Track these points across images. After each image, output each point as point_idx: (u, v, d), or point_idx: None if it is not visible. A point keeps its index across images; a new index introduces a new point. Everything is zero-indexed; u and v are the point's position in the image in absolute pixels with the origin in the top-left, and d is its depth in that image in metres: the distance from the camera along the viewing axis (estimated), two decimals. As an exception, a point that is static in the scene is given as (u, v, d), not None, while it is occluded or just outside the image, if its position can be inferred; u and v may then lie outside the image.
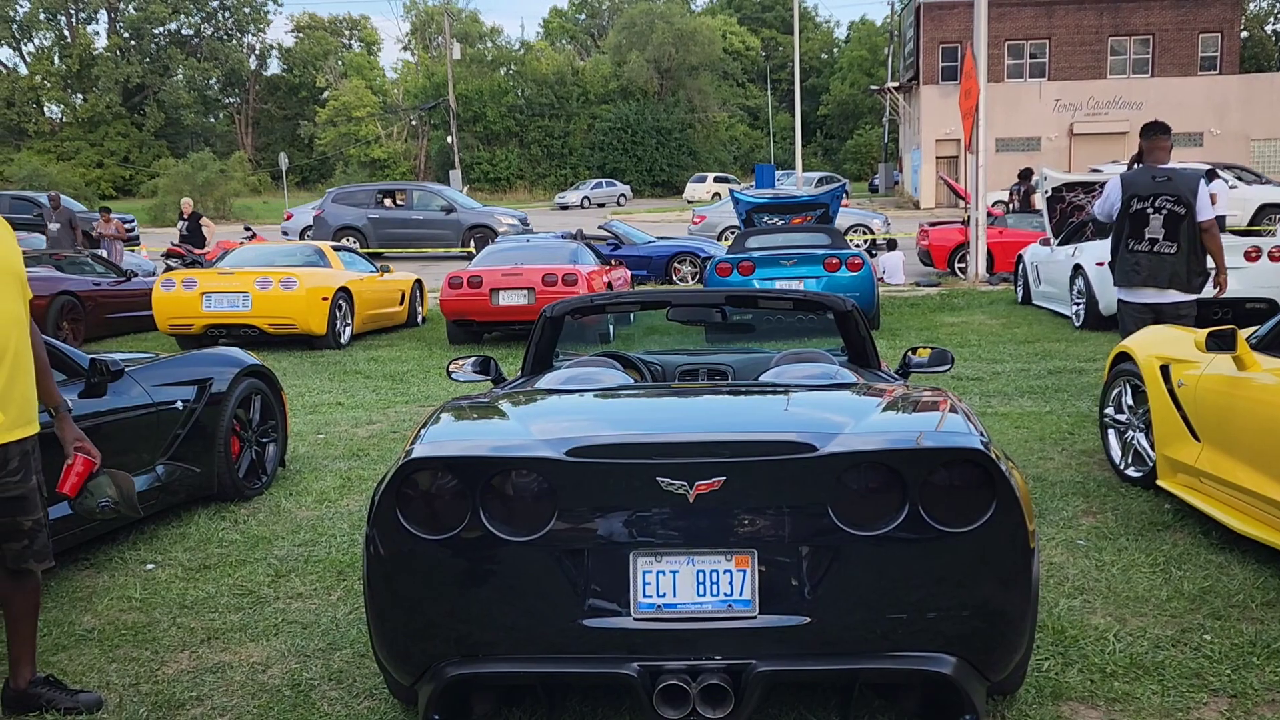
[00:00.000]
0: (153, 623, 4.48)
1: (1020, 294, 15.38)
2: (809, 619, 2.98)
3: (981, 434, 3.17)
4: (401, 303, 14.79)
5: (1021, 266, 15.35)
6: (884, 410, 3.46)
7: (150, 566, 5.18)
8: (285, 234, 29.35)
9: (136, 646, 4.24)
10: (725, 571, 3.01)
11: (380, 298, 14.13)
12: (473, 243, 24.99)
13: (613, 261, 15.65)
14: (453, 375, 5.22)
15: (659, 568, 3.02)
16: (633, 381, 4.35)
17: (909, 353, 4.99)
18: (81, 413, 5.04)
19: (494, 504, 3.06)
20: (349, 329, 13.15)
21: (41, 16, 65.02)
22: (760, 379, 4.18)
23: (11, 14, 64.11)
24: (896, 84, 50.86)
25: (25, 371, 3.46)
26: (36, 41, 66.19)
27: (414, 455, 3.14)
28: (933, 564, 2.98)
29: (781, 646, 2.99)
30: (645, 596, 3.01)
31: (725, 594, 3.00)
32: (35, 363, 3.56)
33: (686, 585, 3.01)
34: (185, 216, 20.96)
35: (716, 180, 53.62)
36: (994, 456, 3.03)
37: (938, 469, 3.00)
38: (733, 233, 21.88)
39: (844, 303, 4.88)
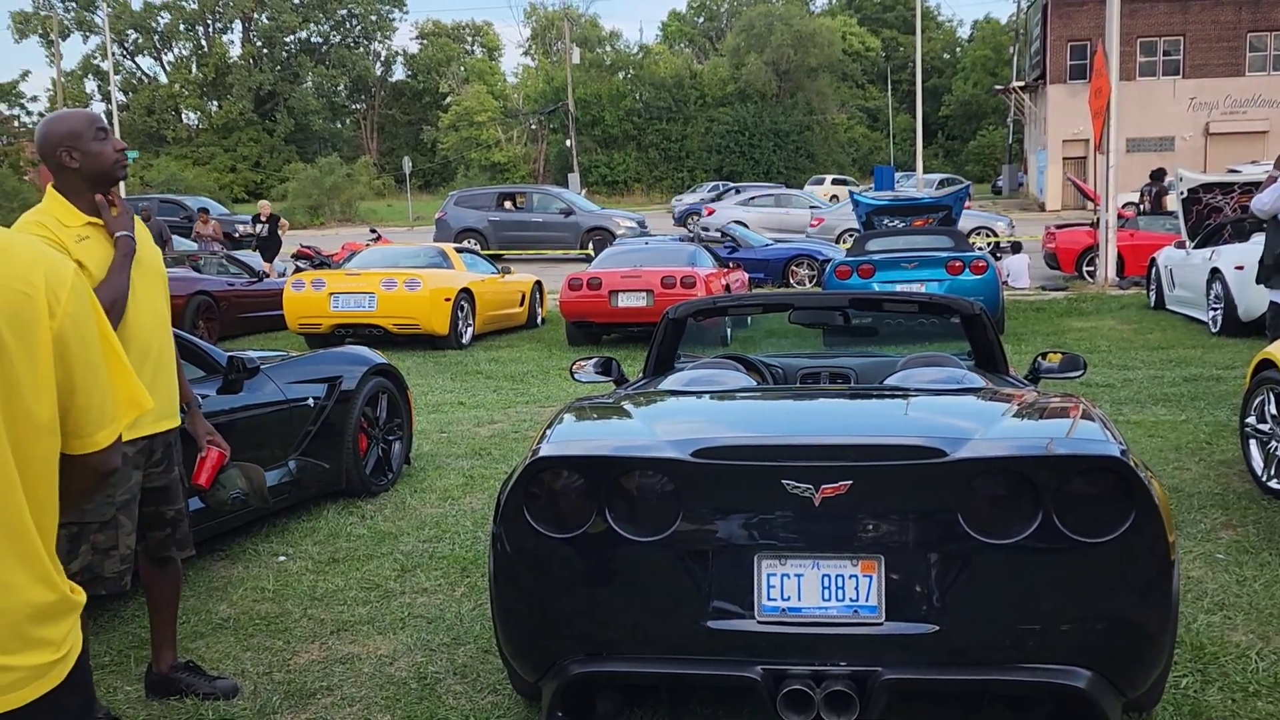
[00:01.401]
0: (285, 613, 4.62)
1: (1153, 298, 14.87)
2: (937, 627, 2.92)
3: (1119, 441, 3.07)
4: (521, 304, 14.98)
5: (1155, 270, 14.85)
6: (1016, 416, 3.38)
7: (282, 559, 5.34)
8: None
9: (270, 636, 4.37)
10: (851, 576, 2.97)
11: (501, 299, 14.33)
12: (591, 245, 25.20)
13: (730, 264, 15.61)
14: (575, 376, 5.27)
15: (783, 571, 3.00)
16: (755, 384, 4.34)
17: (1039, 358, 4.87)
18: (219, 408, 5.22)
19: (619, 503, 3.07)
20: (470, 329, 13.37)
21: (181, 27, 67.65)
22: (886, 383, 4.12)
23: (153, 25, 66.82)
24: (1022, 83, 49.70)
25: (169, 367, 3.60)
26: (176, 51, 68.92)
27: (541, 454, 3.17)
28: (1067, 574, 2.90)
29: (908, 654, 2.94)
30: (769, 599, 2.99)
31: (851, 599, 2.96)
32: None
33: (811, 589, 2.98)
34: (264, 219, 21.10)
35: (834, 183, 53.07)
36: (1133, 465, 2.93)
37: (1074, 477, 2.91)
38: (851, 235, 21.63)
39: (971, 306, 4.78)
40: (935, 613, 2.93)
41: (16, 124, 63.96)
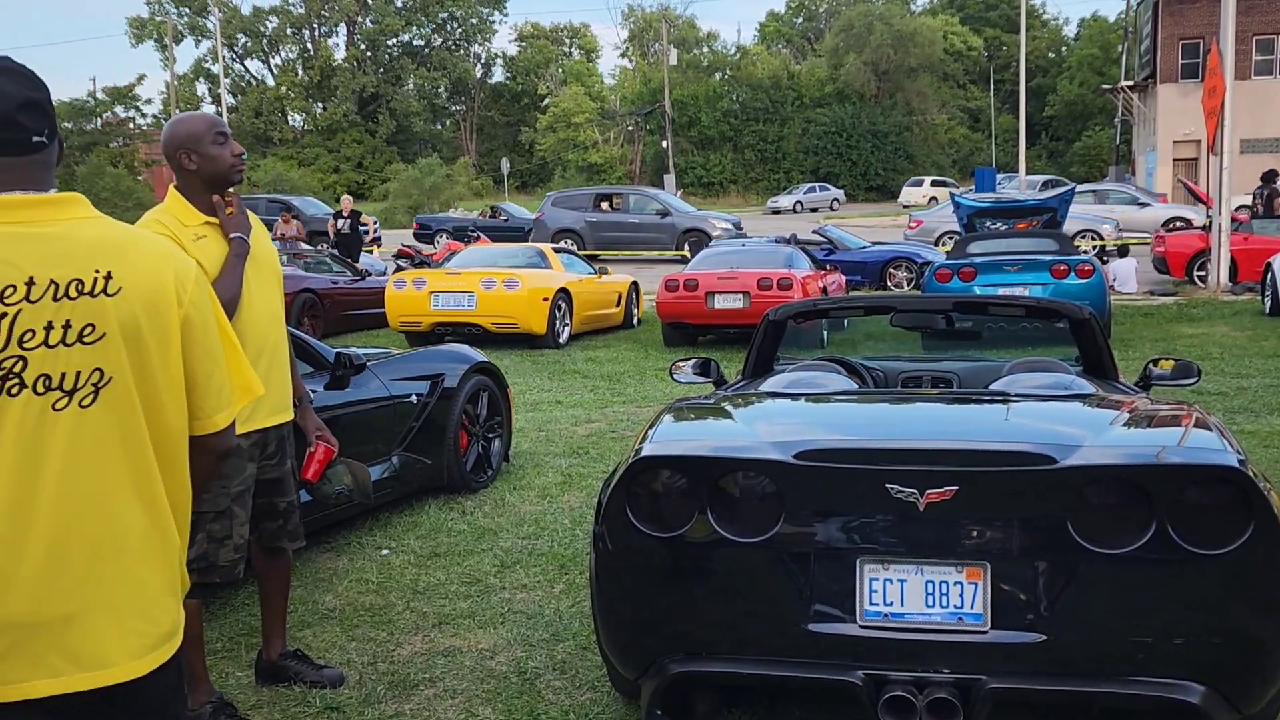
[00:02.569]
0: (388, 605, 4.71)
1: (1268, 305, 14.38)
2: (1044, 637, 2.87)
3: (1238, 451, 2.99)
4: (618, 304, 15.07)
5: (1270, 275, 14.36)
6: (1128, 423, 3.30)
7: (385, 552, 5.45)
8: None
9: (374, 627, 4.47)
10: (956, 583, 2.93)
11: (598, 299, 14.43)
12: (687, 246, 25.21)
13: (827, 266, 15.50)
14: (674, 376, 5.28)
15: (886, 576, 2.97)
16: (857, 387, 4.30)
17: (1150, 364, 4.76)
18: (326, 404, 5.35)
19: (721, 504, 3.08)
20: (567, 329, 13.48)
21: (288, 31, 69.33)
22: (991, 387, 4.06)
23: (262, 29, 68.60)
24: (1130, 83, 48.41)
25: (283, 363, 3.71)
26: (283, 55, 70.64)
27: (643, 454, 3.19)
28: (1182, 586, 2.83)
29: (1014, 664, 2.89)
30: (871, 604, 2.97)
31: (955, 606, 2.93)
32: None
33: (914, 595, 2.96)
34: (345, 214, 20.71)
35: (934, 184, 52.31)
36: (1252, 475, 2.85)
37: (1189, 487, 2.84)
38: (951, 238, 21.30)
39: (1080, 310, 4.68)
40: (1043, 622, 2.88)
41: (132, 126, 66.24)
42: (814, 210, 51.39)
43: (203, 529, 3.47)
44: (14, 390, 1.75)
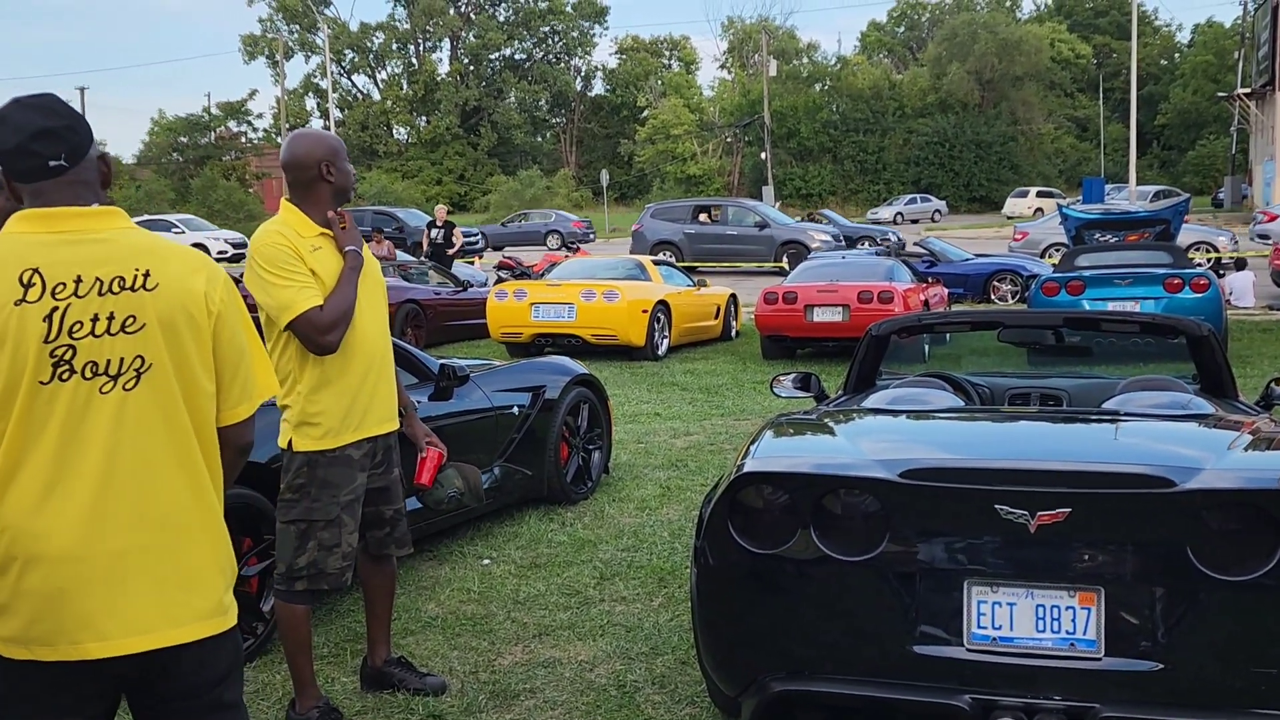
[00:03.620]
0: (489, 615, 4.76)
1: (1395, 320, 13.78)
2: (1161, 665, 2.78)
3: (1369, 476, 2.86)
4: (716, 316, 15.03)
5: (1398, 290, 13.76)
6: (1251, 445, 3.19)
7: (486, 562, 5.50)
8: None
9: (475, 636, 4.51)
10: (1068, 608, 2.86)
11: (696, 311, 14.41)
12: (785, 258, 25.07)
13: (929, 279, 15.27)
14: (775, 391, 5.24)
15: (995, 598, 2.91)
16: (963, 404, 4.23)
17: (1272, 383, 4.58)
18: (430, 414, 5.43)
19: (824, 522, 3.05)
20: (666, 341, 13.50)
21: (393, 46, 70.83)
22: (1104, 406, 3.95)
23: (368, 45, 70.19)
24: (1247, 90, 46.90)
25: (390, 374, 3.78)
26: (388, 70, 72.18)
27: (746, 470, 3.18)
28: (1309, 617, 2.72)
29: (1128, 692, 2.81)
30: (979, 627, 2.91)
31: (1067, 632, 2.85)
32: None
33: (1024, 619, 2.89)
34: (439, 224, 20.56)
35: (1039, 195, 51.30)
36: (1384, 502, 2.73)
37: (1317, 513, 2.73)
38: (1057, 250, 20.84)
39: (1199, 327, 4.54)
40: (1159, 650, 2.79)
41: (244, 140, 68.24)
42: (915, 221, 50.75)
43: (313, 537, 3.55)
44: (65, 375, 1.98)
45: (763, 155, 57.48)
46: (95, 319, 2.00)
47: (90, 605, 1.98)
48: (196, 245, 15.90)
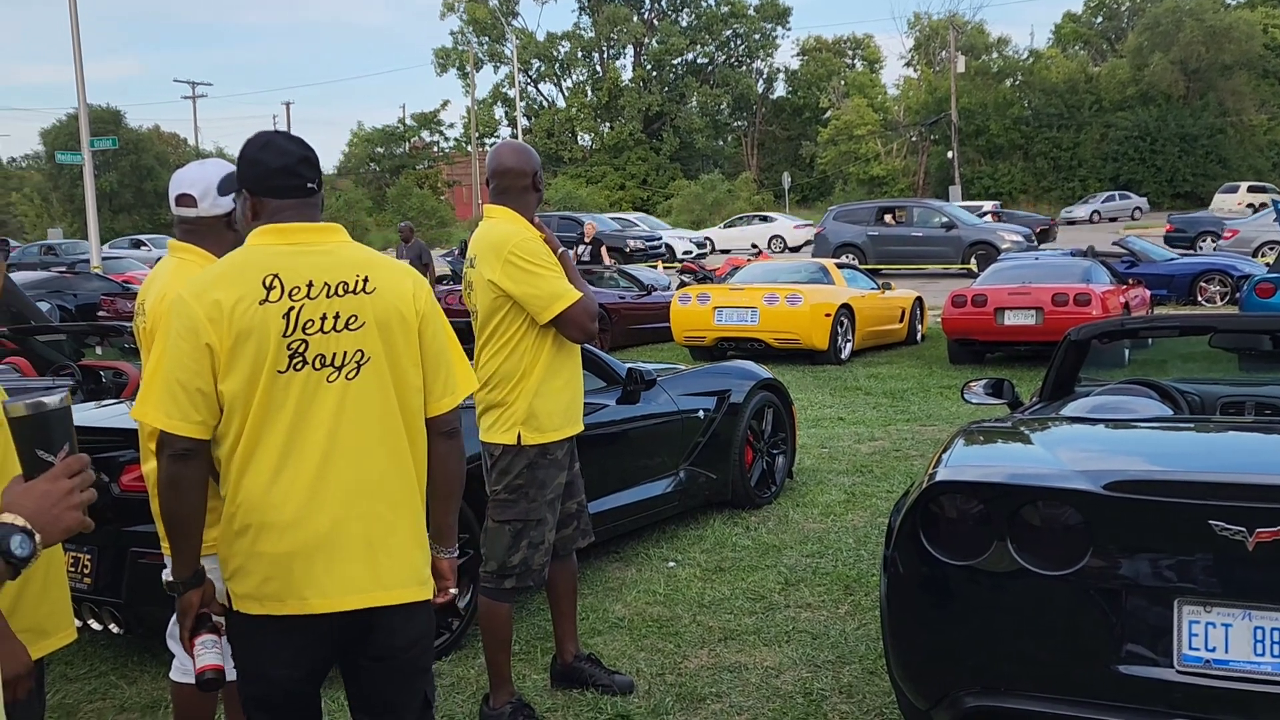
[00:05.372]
0: (675, 617, 4.79)
1: None
2: (1393, 696, 2.59)
3: None
4: (901, 320, 14.75)
5: None
6: None
7: (671, 565, 5.55)
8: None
9: (661, 638, 4.55)
10: (1289, 631, 2.69)
11: (881, 314, 14.18)
12: (973, 260, 24.40)
13: (1129, 280, 14.59)
14: (966, 397, 5.10)
15: (1208, 619, 2.76)
16: (1171, 412, 4.03)
17: None
18: (617, 418, 5.51)
19: (1022, 533, 2.95)
20: (849, 345, 13.32)
21: (579, 55, 72.11)
22: None
23: (554, 54, 71.66)
24: None
25: (580, 376, 3.87)
26: (573, 78, 73.51)
27: (939, 478, 3.10)
28: None
29: (1360, 725, 2.62)
30: (1191, 649, 2.76)
31: (1289, 656, 2.68)
32: None
33: (1241, 641, 2.73)
34: (587, 240, 21.73)
35: (1251, 190, 48.35)
36: None
37: None
38: (1271, 249, 19.63)
39: None
40: (1393, 680, 2.59)
41: (436, 149, 70.68)
42: (1113, 220, 48.58)
43: (526, 536, 3.65)
44: (298, 366, 2.30)
45: (949, 154, 56.07)
46: (324, 317, 2.31)
47: (313, 567, 2.29)
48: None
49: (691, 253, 33.66)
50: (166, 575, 2.57)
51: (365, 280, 2.37)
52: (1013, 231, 26.43)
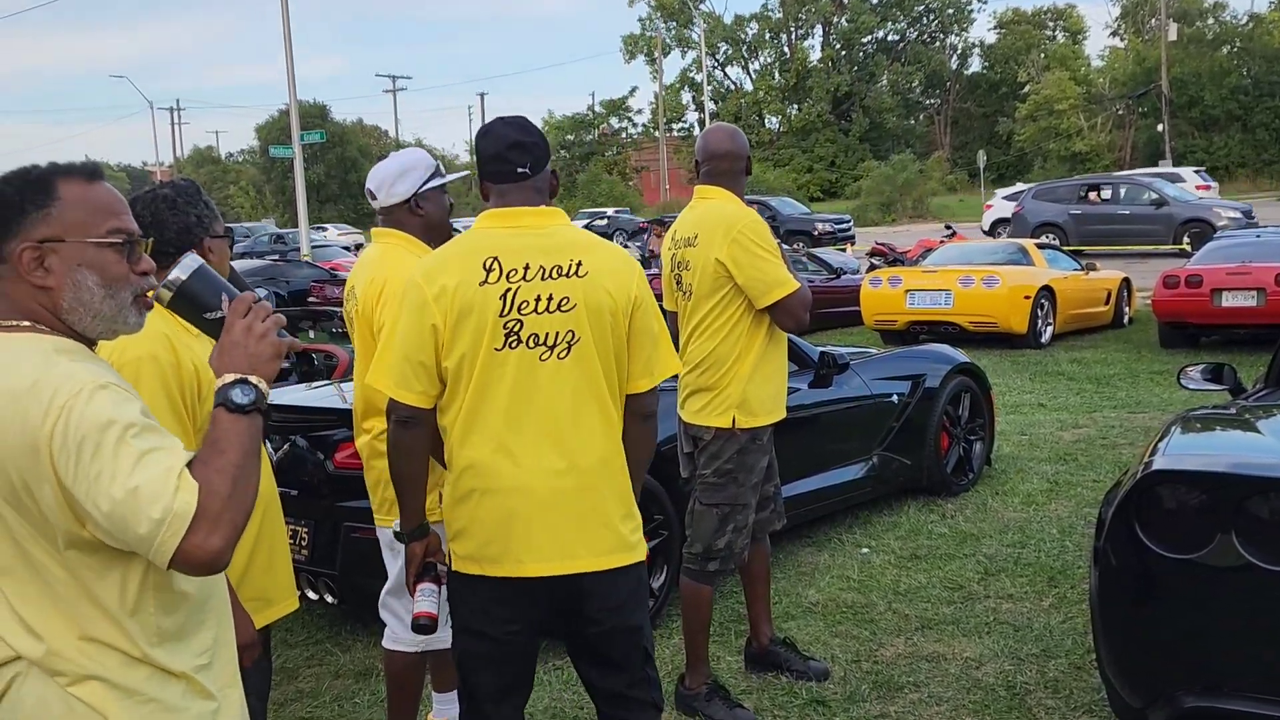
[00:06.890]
0: (869, 604, 4.73)
1: None
2: None
3: None
4: (1106, 302, 14.10)
5: None
6: None
7: (865, 551, 5.47)
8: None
9: (856, 625, 4.50)
10: None
11: (1084, 297, 13.58)
12: (1186, 238, 23.10)
13: (1363, 258, 13.53)
14: (1182, 382, 4.83)
15: None
16: None
17: None
18: (809, 401, 5.46)
19: (1248, 526, 2.78)
20: (1050, 328, 12.82)
21: (766, 37, 71.56)
22: None
23: (742, 36, 71.36)
24: None
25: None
26: (761, 60, 73.02)
27: (1155, 467, 2.96)
28: None
29: None
30: None
31: None
32: None
33: None
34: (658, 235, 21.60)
35: None
36: None
37: None
38: None
39: None
40: None
41: (624, 135, 71.44)
42: (1342, 194, 45.21)
43: (732, 520, 3.67)
44: (513, 344, 2.42)
45: (1159, 127, 53.22)
46: (538, 299, 2.42)
47: (531, 532, 2.42)
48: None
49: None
50: (395, 526, 2.77)
51: (579, 264, 2.46)
52: (1230, 208, 24.91)
